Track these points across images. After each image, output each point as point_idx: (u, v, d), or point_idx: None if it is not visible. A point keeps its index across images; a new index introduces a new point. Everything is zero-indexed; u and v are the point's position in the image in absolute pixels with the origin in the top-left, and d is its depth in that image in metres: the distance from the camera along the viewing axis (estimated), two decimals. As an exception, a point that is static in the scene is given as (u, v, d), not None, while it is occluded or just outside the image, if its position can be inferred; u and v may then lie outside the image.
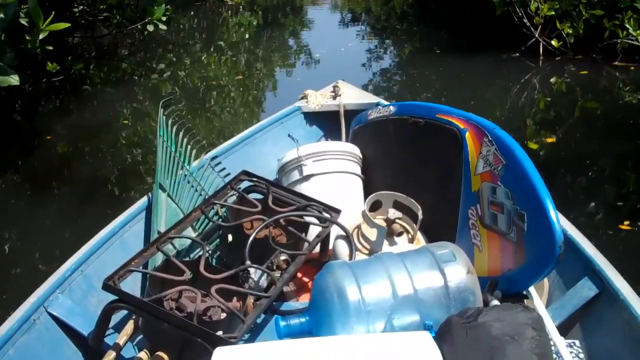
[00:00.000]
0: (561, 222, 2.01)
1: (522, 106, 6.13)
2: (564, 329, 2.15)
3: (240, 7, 12.91)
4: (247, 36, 10.41)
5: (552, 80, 6.78)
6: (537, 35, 7.26)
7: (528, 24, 7.25)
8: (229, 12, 12.61)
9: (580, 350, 2.03)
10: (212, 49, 9.36)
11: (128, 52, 9.26)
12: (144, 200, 2.77)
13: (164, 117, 2.96)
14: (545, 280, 2.23)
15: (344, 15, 12.38)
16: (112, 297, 1.98)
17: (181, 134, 2.98)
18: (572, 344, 2.04)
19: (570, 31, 6.92)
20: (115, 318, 2.21)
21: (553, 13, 6.96)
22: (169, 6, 8.05)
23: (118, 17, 8.39)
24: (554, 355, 1.81)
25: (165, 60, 8.77)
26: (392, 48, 9.25)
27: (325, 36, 10.52)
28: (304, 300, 2.40)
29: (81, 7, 8.53)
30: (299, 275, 2.49)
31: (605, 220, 3.86)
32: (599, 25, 6.81)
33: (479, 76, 6.92)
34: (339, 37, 10.46)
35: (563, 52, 7.18)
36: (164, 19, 7.82)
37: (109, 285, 1.97)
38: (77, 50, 9.07)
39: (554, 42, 7.07)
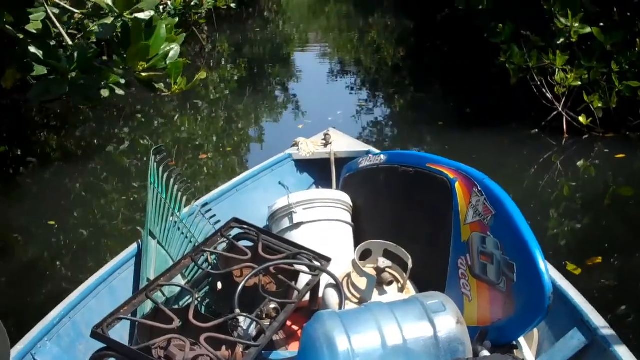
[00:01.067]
0: (550, 273, 2.02)
1: (542, 193, 5.10)
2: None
3: (222, 59, 11.55)
4: (227, 92, 9.06)
5: (579, 162, 5.59)
6: (560, 108, 6.00)
7: (549, 95, 6.01)
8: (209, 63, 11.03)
9: (570, 402, 2.02)
10: (188, 107, 7.97)
11: (85, 117, 7.48)
12: (133, 247, 2.76)
13: (155, 164, 2.97)
14: (535, 330, 2.23)
15: (332, 66, 10.98)
16: (101, 345, 1.96)
17: (172, 180, 2.99)
18: (562, 396, 2.03)
19: (600, 104, 5.72)
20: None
21: (579, 83, 5.77)
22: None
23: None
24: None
25: (132, 124, 7.34)
26: (389, 121, 7.60)
27: (311, 93, 8.90)
28: (293, 349, 2.38)
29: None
30: (289, 323, 2.48)
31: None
32: (633, 98, 5.64)
33: (490, 156, 5.71)
34: (327, 95, 8.90)
35: (591, 129, 5.92)
36: (122, 81, 6.69)
37: (98, 333, 1.95)
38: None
39: (581, 119, 5.80)
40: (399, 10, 15.81)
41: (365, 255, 2.55)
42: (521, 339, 2.07)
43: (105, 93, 5.22)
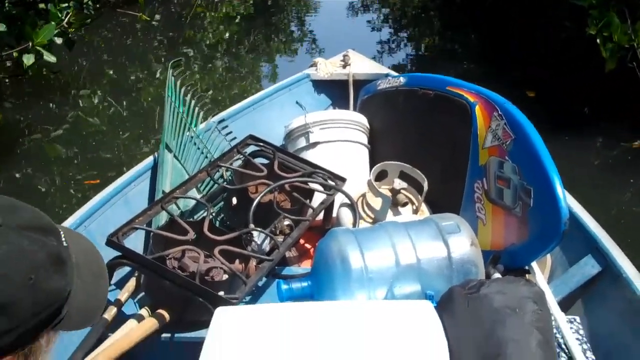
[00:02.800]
0: (567, 199, 2.01)
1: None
2: (565, 305, 2.15)
3: None
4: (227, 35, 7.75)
5: None
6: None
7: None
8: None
9: (581, 327, 2.03)
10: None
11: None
12: (149, 159, 2.77)
13: (173, 77, 2.95)
14: (548, 256, 2.23)
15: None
16: (115, 254, 1.98)
17: (189, 96, 2.96)
18: (573, 320, 2.04)
19: None
20: (118, 274, 2.22)
21: None
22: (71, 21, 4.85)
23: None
24: (554, 330, 1.81)
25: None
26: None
27: (327, 31, 7.80)
28: (305, 266, 2.40)
29: None
30: (302, 241, 2.49)
31: None
32: None
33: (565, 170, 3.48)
34: (344, 35, 7.27)
35: None
36: (59, 41, 4.69)
37: (113, 241, 1.97)
38: None
39: None
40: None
41: (380, 177, 2.54)
42: (534, 264, 2.07)
43: (28, 59, 4.25)
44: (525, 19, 6.85)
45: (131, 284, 2.12)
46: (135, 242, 2.38)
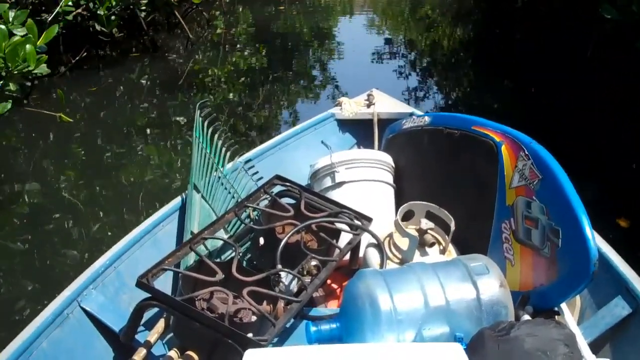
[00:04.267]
0: (596, 240, 2.00)
1: None
2: (596, 347, 2.13)
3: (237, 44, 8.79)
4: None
5: None
6: None
7: None
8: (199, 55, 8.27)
9: (612, 369, 2.01)
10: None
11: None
12: (177, 200, 2.80)
13: (200, 118, 2.99)
14: (578, 297, 2.21)
15: (379, 47, 8.69)
16: (145, 295, 2.00)
17: (216, 136, 3.00)
18: (604, 363, 2.02)
19: None
20: (147, 315, 2.23)
21: None
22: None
23: None
24: (585, 373, 1.79)
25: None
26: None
27: (353, 78, 7.12)
28: (333, 306, 2.40)
29: None
30: (329, 281, 2.49)
31: None
32: None
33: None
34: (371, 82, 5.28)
35: None
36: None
37: (143, 282, 1.99)
38: None
39: None
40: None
41: (407, 217, 2.54)
42: (563, 305, 2.05)
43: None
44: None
45: (160, 325, 2.13)
46: (165, 283, 2.40)
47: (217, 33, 9.39)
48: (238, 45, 8.74)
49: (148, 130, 5.63)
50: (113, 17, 6.94)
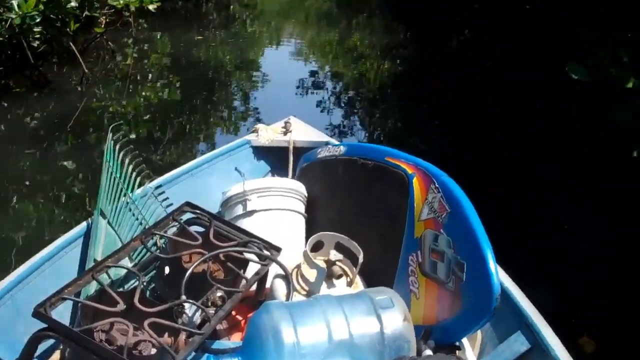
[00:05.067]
0: (499, 275, 2.04)
1: None
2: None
3: (149, 74, 8.10)
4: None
5: None
6: None
7: None
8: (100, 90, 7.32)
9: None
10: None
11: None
12: (82, 225, 2.71)
13: (112, 142, 2.92)
14: (479, 332, 2.24)
15: (305, 80, 8.36)
16: (41, 326, 1.92)
17: (127, 160, 2.93)
18: (502, 398, 2.05)
19: None
20: (42, 347, 2.15)
21: None
22: None
23: None
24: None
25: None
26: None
27: (275, 110, 6.20)
28: (235, 339, 2.35)
29: None
30: (233, 313, 2.45)
31: None
32: None
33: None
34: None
35: None
36: None
37: (40, 312, 1.90)
38: None
39: None
40: (391, 12, 12.91)
41: (316, 247, 2.53)
42: (464, 340, 2.08)
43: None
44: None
45: (55, 357, 2.05)
46: (64, 313, 2.31)
47: (125, 64, 8.52)
48: (149, 77, 8.04)
49: (27, 182, 4.95)
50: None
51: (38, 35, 6.60)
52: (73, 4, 6.69)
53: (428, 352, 1.97)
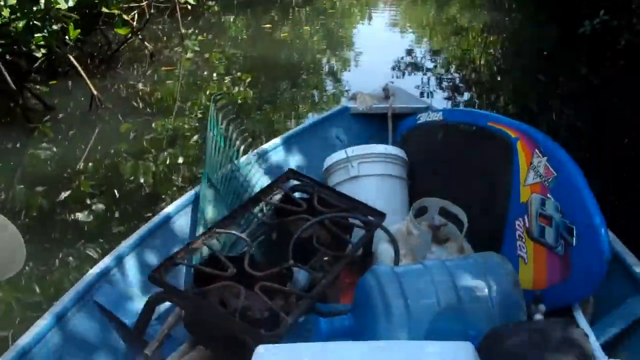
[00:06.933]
0: (610, 239, 1.98)
1: None
2: (609, 348, 2.10)
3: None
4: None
5: None
6: None
7: None
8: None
9: (626, 370, 1.99)
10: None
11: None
12: (191, 193, 2.79)
13: (215, 111, 2.98)
14: (591, 297, 2.19)
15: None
16: (157, 289, 2.00)
17: (230, 129, 2.99)
18: (617, 363, 2.00)
19: None
20: (159, 309, 2.24)
21: None
22: None
23: None
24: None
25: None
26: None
27: None
28: (345, 302, 2.38)
29: None
30: (340, 277, 2.48)
31: None
32: None
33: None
34: None
35: None
36: None
37: (155, 277, 1.99)
38: None
39: None
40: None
41: (420, 213, 2.53)
42: (577, 305, 2.04)
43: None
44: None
45: (172, 319, 2.13)
46: (177, 277, 2.40)
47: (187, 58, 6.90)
48: (220, 70, 6.58)
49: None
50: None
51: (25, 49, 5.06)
52: (62, 5, 4.91)
53: (539, 316, 1.95)
